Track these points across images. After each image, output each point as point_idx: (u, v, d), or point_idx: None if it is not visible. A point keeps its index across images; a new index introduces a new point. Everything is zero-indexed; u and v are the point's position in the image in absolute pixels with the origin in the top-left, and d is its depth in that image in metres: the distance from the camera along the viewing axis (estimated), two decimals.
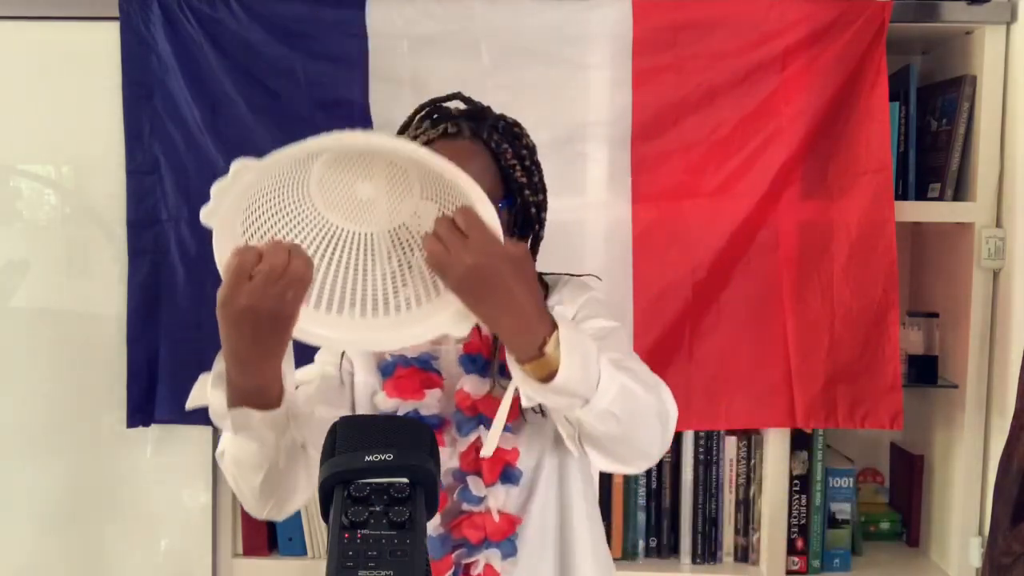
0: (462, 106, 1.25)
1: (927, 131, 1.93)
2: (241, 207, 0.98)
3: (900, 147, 1.88)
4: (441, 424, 1.24)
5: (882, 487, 2.16)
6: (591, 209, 1.81)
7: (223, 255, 0.97)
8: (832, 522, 1.95)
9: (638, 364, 1.12)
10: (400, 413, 1.24)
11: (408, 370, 1.25)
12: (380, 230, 1.08)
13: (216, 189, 0.94)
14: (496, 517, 1.20)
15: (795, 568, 1.92)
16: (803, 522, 1.93)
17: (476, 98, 1.77)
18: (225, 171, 1.81)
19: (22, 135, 1.85)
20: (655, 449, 1.09)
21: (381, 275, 1.08)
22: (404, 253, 1.08)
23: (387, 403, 1.25)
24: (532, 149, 1.25)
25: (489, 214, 0.97)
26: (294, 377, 1.09)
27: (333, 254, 1.07)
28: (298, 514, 1.90)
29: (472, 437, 1.21)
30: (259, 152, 1.92)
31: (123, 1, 1.77)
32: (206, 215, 0.94)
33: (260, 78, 1.78)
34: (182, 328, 1.81)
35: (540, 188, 1.25)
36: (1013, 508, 1.25)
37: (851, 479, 1.96)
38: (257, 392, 1.03)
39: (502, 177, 1.21)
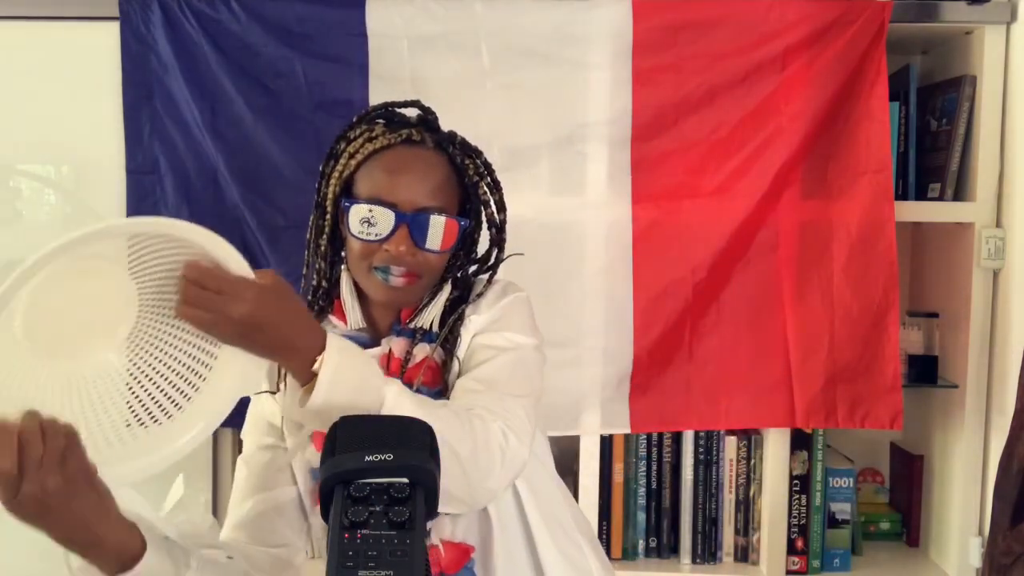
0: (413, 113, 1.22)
1: (927, 131, 1.93)
2: None
3: (900, 147, 1.88)
4: None
5: (882, 487, 2.16)
6: (591, 209, 1.81)
7: None
8: (832, 522, 1.95)
9: (488, 397, 1.07)
10: None
11: None
12: (115, 347, 0.95)
13: None
14: (442, 550, 1.14)
15: (795, 568, 1.92)
16: (803, 522, 1.92)
17: (476, 98, 1.79)
18: (225, 172, 1.80)
19: (22, 135, 1.85)
20: (477, 495, 1.03)
21: (136, 387, 0.97)
22: (153, 347, 0.97)
23: (316, 456, 1.14)
24: (490, 167, 1.21)
25: (225, 251, 0.91)
26: (154, 519, 1.03)
27: (82, 392, 0.95)
28: None
29: None
30: (258, 152, 1.91)
31: (123, 1, 1.77)
32: None
33: (260, 78, 1.78)
34: None
35: (503, 207, 1.21)
36: (1013, 508, 1.25)
37: (851, 479, 1.96)
38: (118, 554, 0.94)
39: (462, 193, 1.18)
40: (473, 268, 1.23)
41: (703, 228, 1.79)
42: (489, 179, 1.20)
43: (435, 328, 1.17)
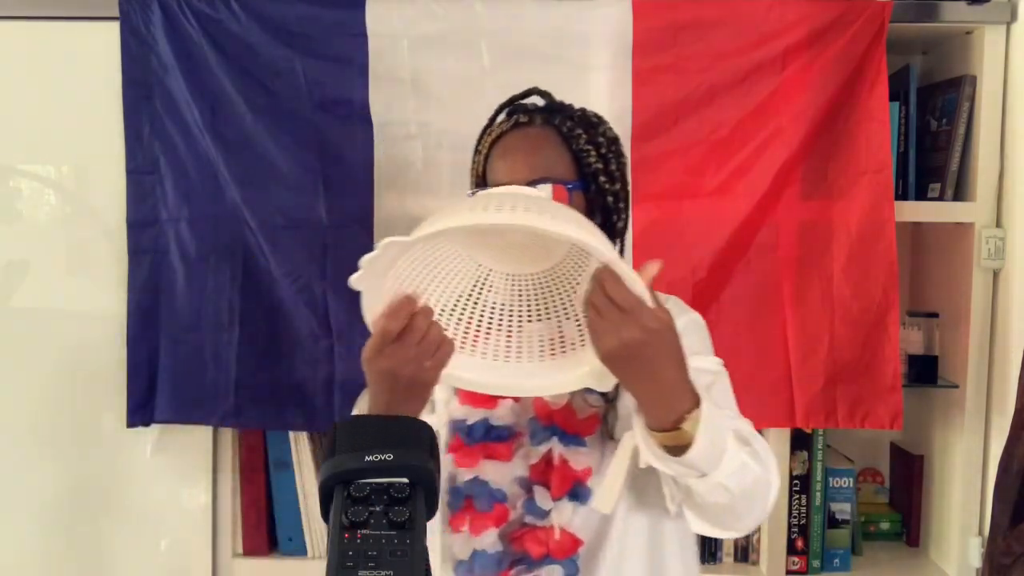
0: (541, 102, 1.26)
1: (927, 131, 1.93)
2: (386, 271, 1.01)
3: (900, 147, 1.88)
4: (511, 435, 1.21)
5: (882, 487, 2.16)
6: None
7: (371, 309, 1.01)
8: (832, 522, 1.95)
9: (747, 425, 1.12)
10: (469, 422, 1.22)
11: None
12: (529, 272, 1.10)
13: (365, 261, 0.96)
14: (557, 534, 1.16)
15: (795, 568, 1.92)
16: (803, 522, 1.93)
17: (476, 98, 1.78)
18: (225, 172, 1.81)
19: (22, 135, 1.85)
20: (755, 521, 1.12)
21: (527, 319, 1.10)
22: (554, 297, 1.09)
23: (458, 410, 1.24)
24: (612, 140, 1.24)
25: (637, 284, 0.96)
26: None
27: (480, 296, 1.09)
28: (298, 514, 1.90)
29: (543, 448, 1.19)
30: (258, 152, 1.91)
31: (123, 1, 1.77)
32: (355, 282, 0.98)
33: (260, 78, 1.78)
34: (182, 328, 1.81)
35: (618, 178, 1.23)
36: (1013, 508, 1.25)
37: (851, 479, 1.96)
38: None
39: (576, 162, 1.21)
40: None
41: (703, 228, 1.79)
42: (605, 149, 1.22)
43: None
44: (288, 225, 1.78)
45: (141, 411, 1.83)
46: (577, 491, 1.18)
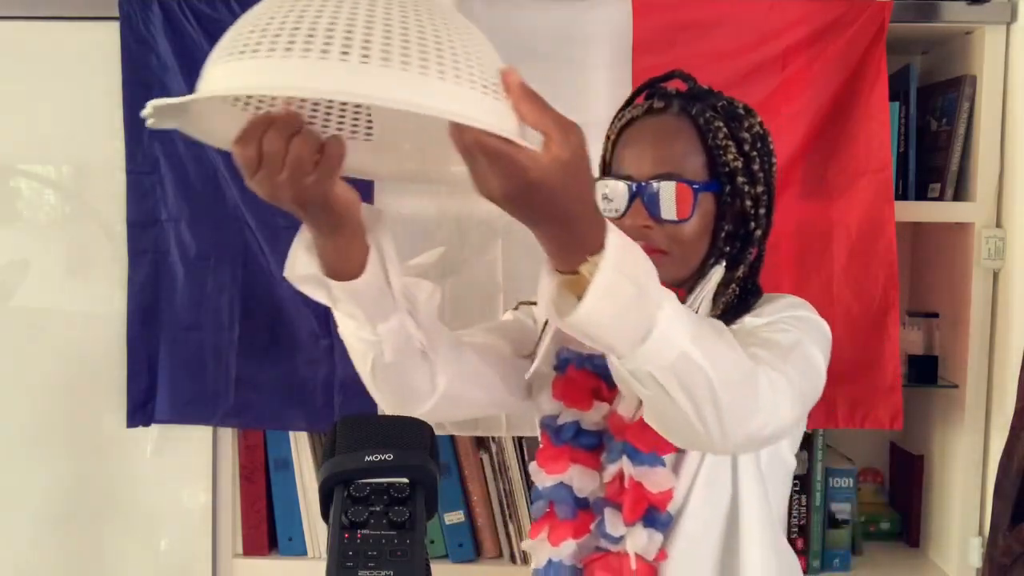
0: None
1: (927, 131, 1.93)
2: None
3: (900, 147, 1.87)
4: (599, 444, 1.12)
5: (882, 487, 2.16)
6: None
7: (208, 124, 0.83)
8: (832, 522, 1.95)
9: (770, 355, 0.94)
10: (560, 422, 1.13)
11: (581, 372, 1.12)
12: None
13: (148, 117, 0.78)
14: (633, 564, 1.06)
15: None
16: (803, 522, 1.93)
17: None
18: (225, 172, 1.81)
19: (22, 135, 1.85)
20: (727, 440, 0.89)
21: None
22: None
23: (550, 405, 1.15)
24: (758, 136, 1.12)
25: (505, 121, 0.77)
26: (389, 248, 0.97)
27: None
28: (298, 514, 1.90)
29: (614, 467, 1.09)
30: None
31: (123, 1, 1.77)
32: (151, 121, 0.78)
33: None
34: (182, 328, 1.81)
35: (760, 180, 1.10)
36: (1013, 508, 1.26)
37: (851, 479, 1.96)
38: (335, 262, 0.92)
39: (710, 159, 1.09)
40: (739, 247, 1.12)
41: None
42: (748, 146, 1.09)
43: (703, 312, 1.07)
44: (288, 225, 1.74)
45: (141, 411, 1.83)
46: (653, 516, 1.07)
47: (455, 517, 1.89)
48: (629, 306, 0.80)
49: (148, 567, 1.90)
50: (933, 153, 1.91)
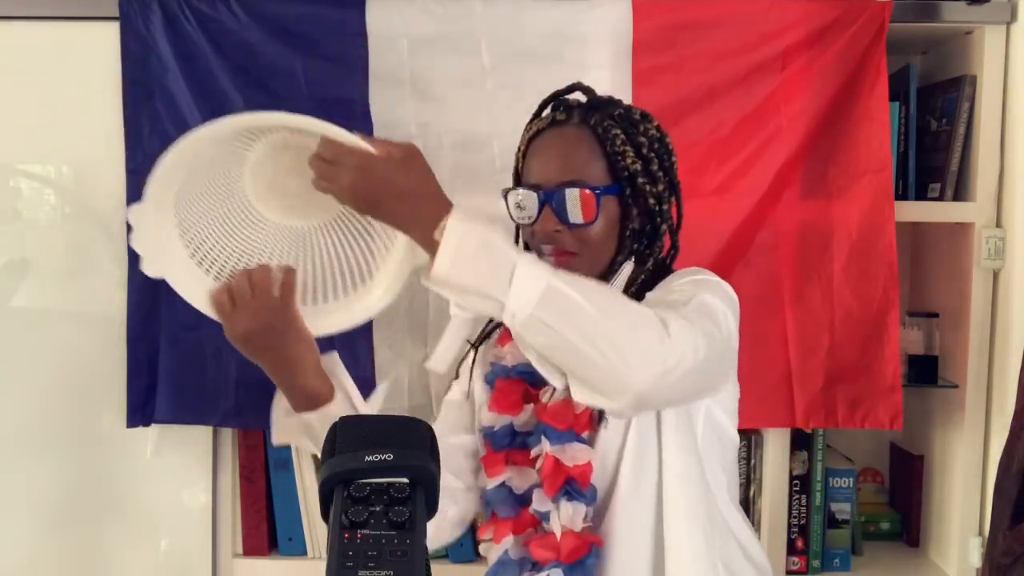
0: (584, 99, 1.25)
1: (927, 131, 1.93)
2: (174, 243, 1.09)
3: (900, 147, 1.88)
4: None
5: (882, 487, 2.16)
6: None
7: (189, 292, 1.10)
8: (832, 522, 1.95)
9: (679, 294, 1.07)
10: (496, 428, 1.21)
11: (507, 382, 1.22)
12: (323, 219, 1.15)
13: (133, 245, 1.05)
14: (558, 534, 1.12)
15: (795, 568, 1.92)
16: (803, 522, 1.93)
17: (476, 98, 1.78)
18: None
19: (22, 135, 1.85)
20: (633, 372, 0.94)
21: (336, 258, 1.16)
22: (352, 228, 1.15)
23: (487, 417, 1.23)
24: (655, 139, 1.22)
25: (344, 136, 1.01)
26: (351, 384, 1.19)
27: (289, 253, 1.15)
28: (298, 514, 1.90)
29: (537, 450, 1.17)
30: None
31: (123, 1, 1.77)
32: (146, 268, 1.07)
33: (260, 78, 1.78)
34: (182, 328, 1.81)
35: (660, 178, 1.20)
36: (1013, 508, 1.25)
37: (851, 479, 1.96)
38: (305, 395, 1.14)
39: (610, 165, 1.18)
40: (647, 244, 1.22)
41: (703, 228, 1.78)
42: (646, 149, 1.19)
43: None
44: None
45: (141, 411, 1.83)
46: (574, 489, 1.13)
47: None
48: (483, 253, 0.94)
49: (148, 567, 1.90)
50: (933, 153, 1.91)
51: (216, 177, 1.11)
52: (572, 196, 1.14)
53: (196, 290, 1.10)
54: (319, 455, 1.09)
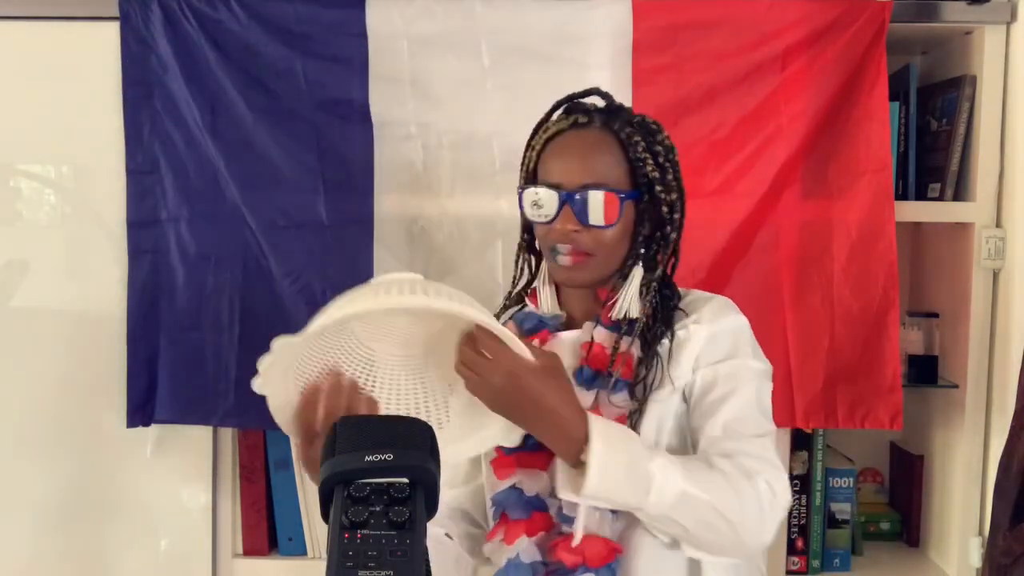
0: (600, 103, 1.26)
1: (927, 131, 1.93)
2: (287, 371, 1.06)
3: (900, 147, 1.88)
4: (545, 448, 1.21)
5: (882, 487, 2.16)
6: None
7: (279, 409, 1.08)
8: (832, 522, 1.95)
9: (744, 443, 1.11)
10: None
11: None
12: (420, 351, 1.14)
13: (263, 365, 1.00)
14: (578, 538, 1.13)
15: (795, 568, 1.92)
16: (803, 522, 1.93)
17: (476, 98, 1.79)
18: (225, 172, 1.81)
19: (22, 135, 1.85)
20: (750, 541, 1.09)
21: (424, 393, 1.14)
22: (446, 371, 1.13)
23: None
24: (669, 148, 1.24)
25: (507, 333, 1.02)
26: None
27: (378, 380, 1.13)
28: (298, 514, 1.90)
29: None
30: (258, 152, 1.91)
31: (123, 1, 1.77)
32: (258, 387, 1.02)
33: (260, 78, 1.78)
34: (182, 328, 1.81)
35: (675, 187, 1.24)
36: (1013, 508, 1.25)
37: (851, 479, 1.96)
38: None
39: (631, 170, 1.21)
40: (656, 249, 1.25)
41: (703, 228, 1.78)
42: (662, 158, 1.22)
43: (634, 313, 1.21)
44: (288, 225, 1.78)
45: (141, 411, 1.82)
46: None
47: None
48: (626, 471, 1.03)
49: (148, 567, 1.90)
50: (933, 153, 1.91)
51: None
52: (596, 198, 1.17)
53: (283, 404, 1.09)
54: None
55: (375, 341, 1.12)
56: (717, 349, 1.20)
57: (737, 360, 1.20)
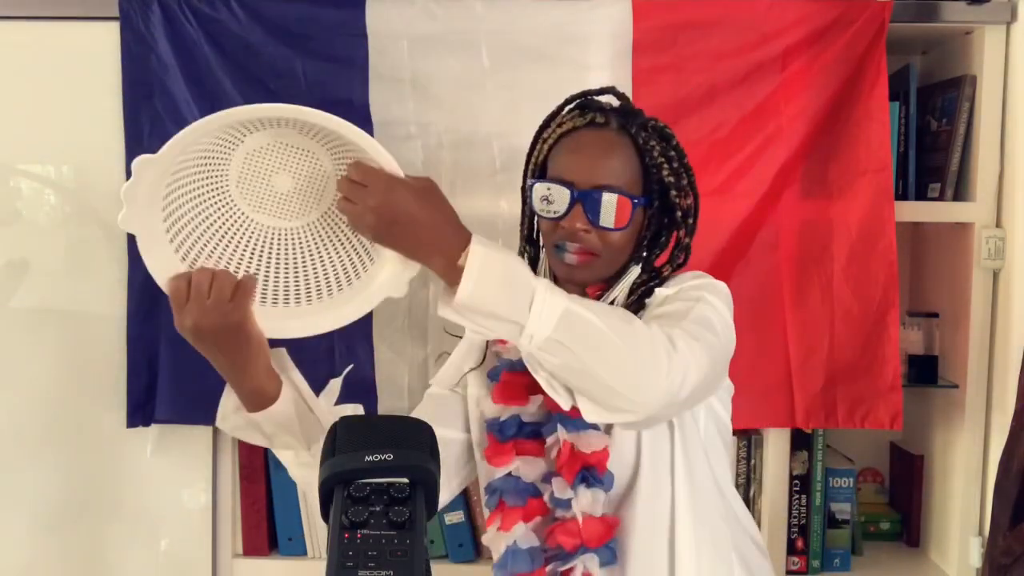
0: (615, 102, 1.25)
1: (927, 131, 1.93)
2: (156, 207, 1.06)
3: (900, 147, 1.88)
4: (540, 435, 1.21)
5: (882, 487, 2.16)
6: None
7: (154, 264, 1.08)
8: (832, 522, 1.95)
9: (667, 324, 1.06)
10: (502, 419, 1.23)
11: (513, 375, 1.23)
12: (307, 221, 1.14)
13: (124, 193, 1.02)
14: (580, 520, 1.15)
15: (795, 568, 1.92)
16: (803, 522, 1.93)
17: (476, 98, 1.79)
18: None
19: (22, 135, 1.85)
20: (643, 392, 1.00)
21: (312, 262, 1.14)
22: (333, 235, 1.14)
23: (492, 409, 1.25)
24: (682, 152, 1.23)
25: (383, 157, 1.02)
26: (300, 380, 1.18)
27: (264, 250, 1.14)
28: (298, 514, 1.90)
29: (553, 440, 1.19)
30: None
31: (123, 1, 1.77)
32: (122, 221, 1.03)
33: (260, 78, 1.78)
34: None
35: (688, 192, 1.23)
36: (1013, 508, 1.26)
37: (851, 479, 1.96)
38: (253, 395, 1.13)
39: (644, 174, 1.20)
40: (657, 252, 1.25)
41: (703, 228, 1.77)
42: (677, 164, 1.21)
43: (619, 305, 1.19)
44: None
45: (141, 411, 1.83)
46: (592, 476, 1.16)
47: (455, 517, 1.90)
48: (506, 279, 0.98)
49: (148, 567, 1.90)
50: (933, 153, 1.91)
51: (207, 169, 1.10)
52: (609, 200, 1.15)
53: (162, 268, 1.08)
54: (271, 449, 1.19)
55: (258, 211, 1.12)
56: (680, 289, 1.20)
57: (692, 293, 1.17)
